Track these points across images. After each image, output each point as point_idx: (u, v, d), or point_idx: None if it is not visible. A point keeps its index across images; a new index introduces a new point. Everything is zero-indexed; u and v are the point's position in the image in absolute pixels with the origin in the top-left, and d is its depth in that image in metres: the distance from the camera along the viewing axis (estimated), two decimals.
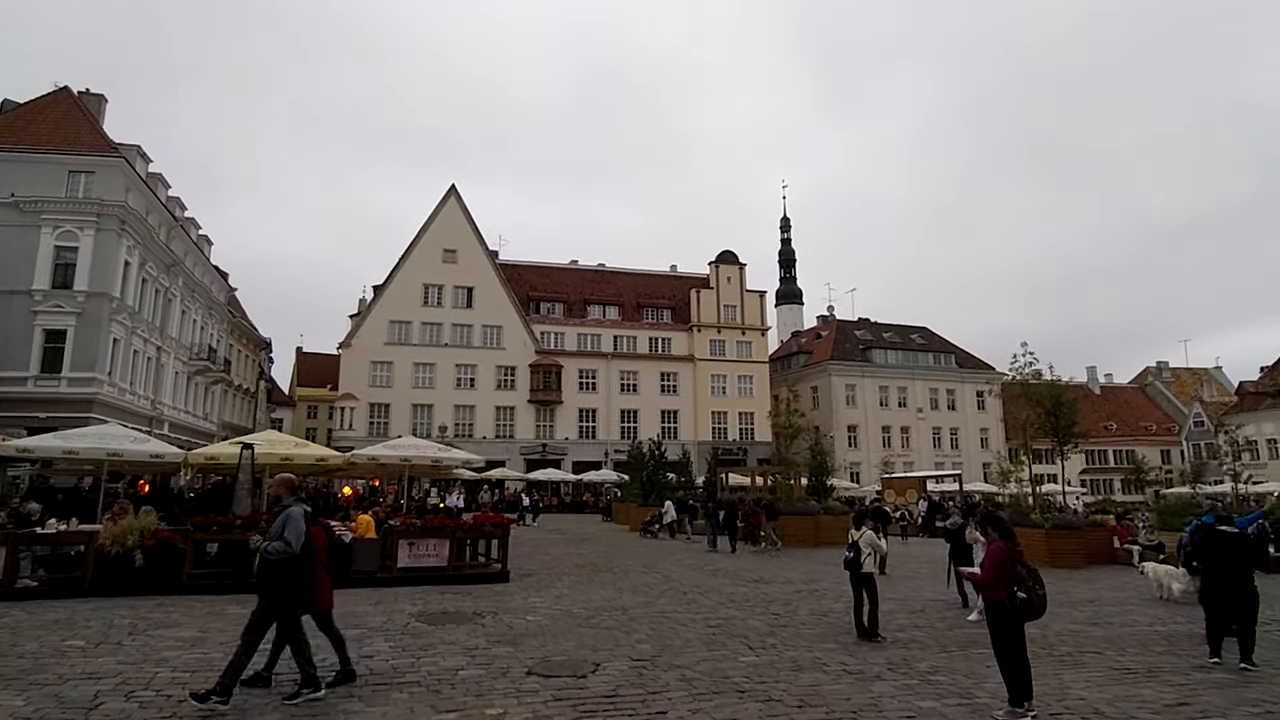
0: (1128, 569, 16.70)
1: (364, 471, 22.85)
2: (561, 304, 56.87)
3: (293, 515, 6.14)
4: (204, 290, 41.91)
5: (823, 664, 7.61)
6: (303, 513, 6.21)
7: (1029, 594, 5.81)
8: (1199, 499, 35.20)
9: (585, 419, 53.90)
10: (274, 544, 6.05)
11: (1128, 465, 66.16)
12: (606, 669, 7.23)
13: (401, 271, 52.43)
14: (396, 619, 9.60)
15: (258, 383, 57.08)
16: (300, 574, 6.13)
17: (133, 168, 31.68)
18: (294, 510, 6.19)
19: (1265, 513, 18.20)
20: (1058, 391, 21.75)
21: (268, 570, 6.10)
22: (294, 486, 6.69)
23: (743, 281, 59.63)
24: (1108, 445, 69.13)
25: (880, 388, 62.27)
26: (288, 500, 6.41)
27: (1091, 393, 73.50)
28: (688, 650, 8.15)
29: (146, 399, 33.77)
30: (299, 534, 6.07)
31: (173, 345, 37.05)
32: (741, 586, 13.51)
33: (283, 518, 6.17)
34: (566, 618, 10.00)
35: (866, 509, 12.21)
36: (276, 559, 6.02)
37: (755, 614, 10.59)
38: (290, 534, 6.04)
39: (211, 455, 15.30)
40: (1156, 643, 9.31)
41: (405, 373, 50.87)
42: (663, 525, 25.90)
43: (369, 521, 13.57)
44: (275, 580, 6.08)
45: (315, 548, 6.33)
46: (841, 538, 23.90)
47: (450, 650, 7.90)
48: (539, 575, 14.53)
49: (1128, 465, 66.16)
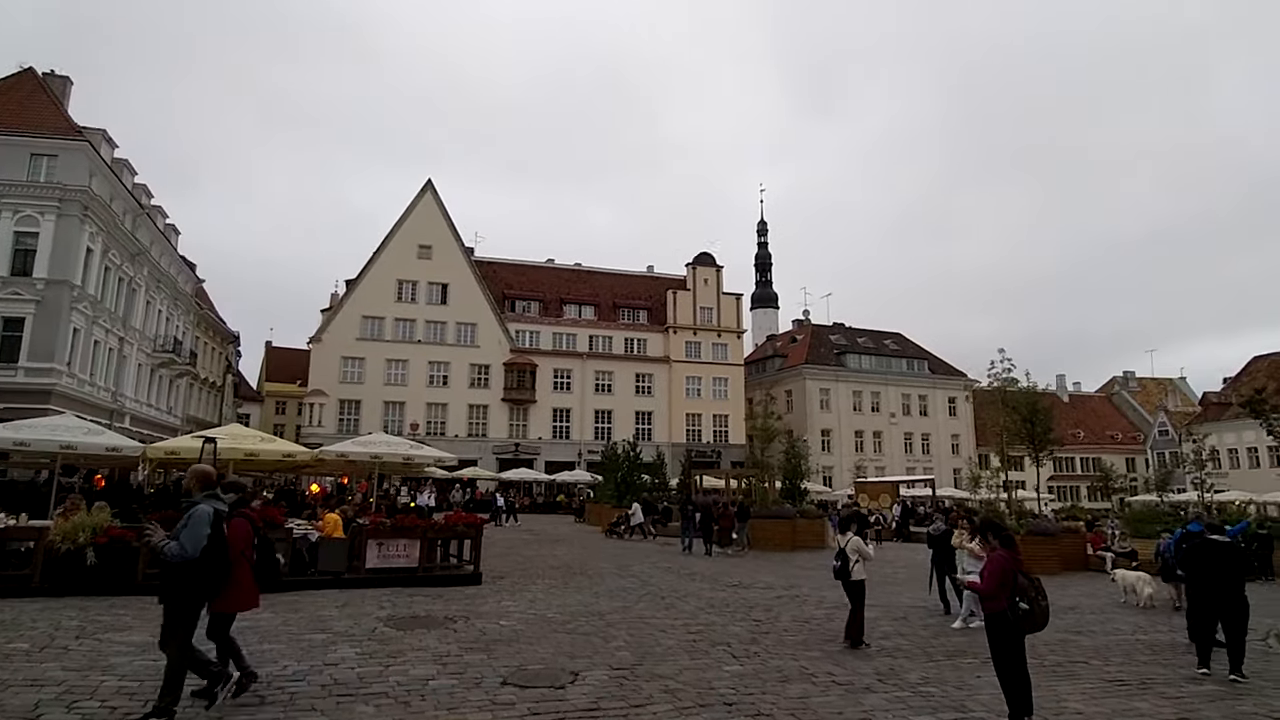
0: (1101, 575, 16.76)
1: (333, 469, 22.20)
2: (537, 303, 56.32)
3: (195, 516, 5.43)
4: (170, 281, 40.72)
5: (810, 674, 7.34)
6: (210, 513, 5.51)
7: (1031, 605, 5.58)
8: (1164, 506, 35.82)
9: (559, 419, 53.40)
10: (171, 545, 5.40)
11: (1095, 472, 67.27)
12: (586, 679, 6.89)
13: (375, 266, 51.51)
14: (364, 623, 9.16)
15: (225, 377, 55.71)
16: (203, 577, 5.46)
17: (97, 152, 30.62)
18: (199, 510, 5.47)
19: (1249, 523, 18.39)
20: (1034, 398, 21.89)
21: (166, 572, 5.48)
22: (208, 480, 5.84)
23: (719, 284, 59.59)
24: (1075, 453, 70.22)
25: (854, 392, 62.62)
26: (197, 496, 5.66)
27: (1060, 400, 74.64)
28: (669, 658, 7.84)
29: (107, 391, 32.65)
30: (197, 539, 5.37)
31: (136, 336, 35.90)
32: (720, 591, 13.25)
33: (185, 517, 5.52)
34: (542, 623, 9.64)
35: (853, 513, 11.96)
36: (174, 561, 5.38)
37: (736, 620, 10.31)
38: (186, 537, 5.34)
39: (171, 449, 14.67)
40: (1141, 652, 9.23)
41: (377, 369, 49.97)
42: (630, 526, 25.73)
43: (336, 520, 13.08)
44: (174, 584, 5.44)
45: (234, 545, 5.71)
46: (816, 541, 24.22)
47: (420, 657, 7.50)
48: (512, 577, 14.13)
49: (1095, 472, 67.27)
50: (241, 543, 5.87)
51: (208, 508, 5.53)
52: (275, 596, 10.77)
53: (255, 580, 6.06)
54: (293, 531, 12.33)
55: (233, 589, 5.80)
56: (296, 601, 10.48)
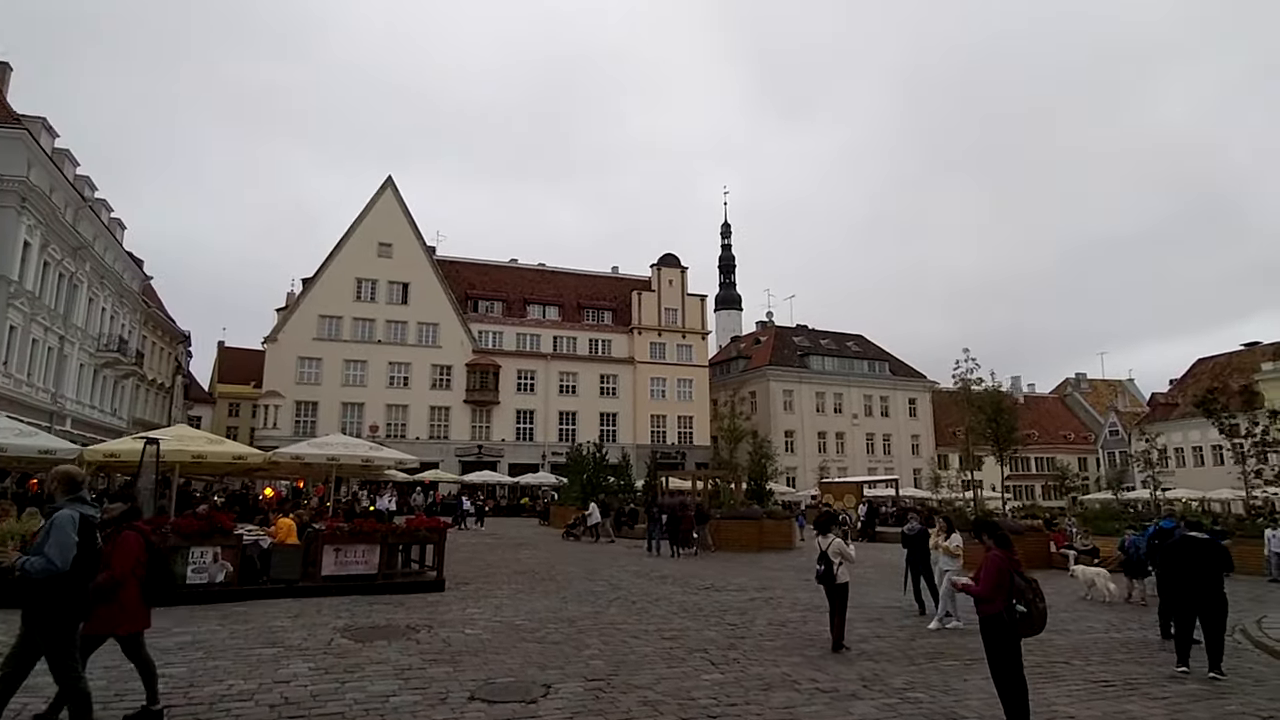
0: (1063, 573, 16.88)
1: (287, 472, 21.38)
2: (501, 303, 55.48)
3: (58, 522, 4.72)
4: (115, 277, 38.97)
5: (793, 681, 7.04)
6: (74, 518, 4.80)
7: (1029, 607, 5.36)
8: (1116, 505, 36.71)
9: (523, 420, 52.65)
10: (33, 560, 4.65)
11: (1049, 472, 68.86)
12: (559, 691, 6.48)
13: (333, 264, 50.15)
14: (319, 635, 8.60)
15: (174, 378, 53.66)
16: (74, 593, 4.80)
17: (36, 141, 29.06)
18: (61, 516, 4.77)
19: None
20: (998, 398, 22.09)
21: (31, 591, 4.73)
22: (72, 482, 5.09)
23: (684, 285, 59.47)
24: (1029, 453, 71.76)
25: (817, 394, 63.07)
26: (60, 500, 5.00)
27: (1016, 401, 76.33)
28: (645, 667, 7.48)
29: (46, 392, 31.05)
30: (65, 548, 4.67)
31: (78, 335, 34.24)
32: (692, 594, 12.93)
33: (46, 525, 4.84)
34: (509, 631, 9.19)
35: (833, 514, 11.74)
36: (40, 578, 4.64)
37: (711, 624, 10.00)
38: (52, 548, 4.63)
39: (111, 452, 13.79)
40: (1117, 650, 9.17)
41: (335, 370, 48.62)
42: (587, 528, 25.37)
43: (290, 526, 12.44)
44: (40, 603, 4.74)
45: (122, 561, 5.20)
46: (783, 542, 24.10)
47: (380, 672, 7.00)
48: (476, 583, 13.62)
49: (1049, 472, 68.86)
50: (130, 559, 5.32)
51: (71, 512, 4.83)
52: (225, 607, 10.20)
53: (145, 599, 5.49)
54: (243, 538, 11.66)
55: (114, 609, 5.22)
56: (246, 613, 9.86)
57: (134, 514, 5.85)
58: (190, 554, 10.64)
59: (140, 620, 5.51)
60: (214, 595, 10.58)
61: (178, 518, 12.32)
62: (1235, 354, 61.65)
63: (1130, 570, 14.02)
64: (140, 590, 5.46)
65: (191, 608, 9.96)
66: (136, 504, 6.37)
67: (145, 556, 5.49)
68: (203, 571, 10.70)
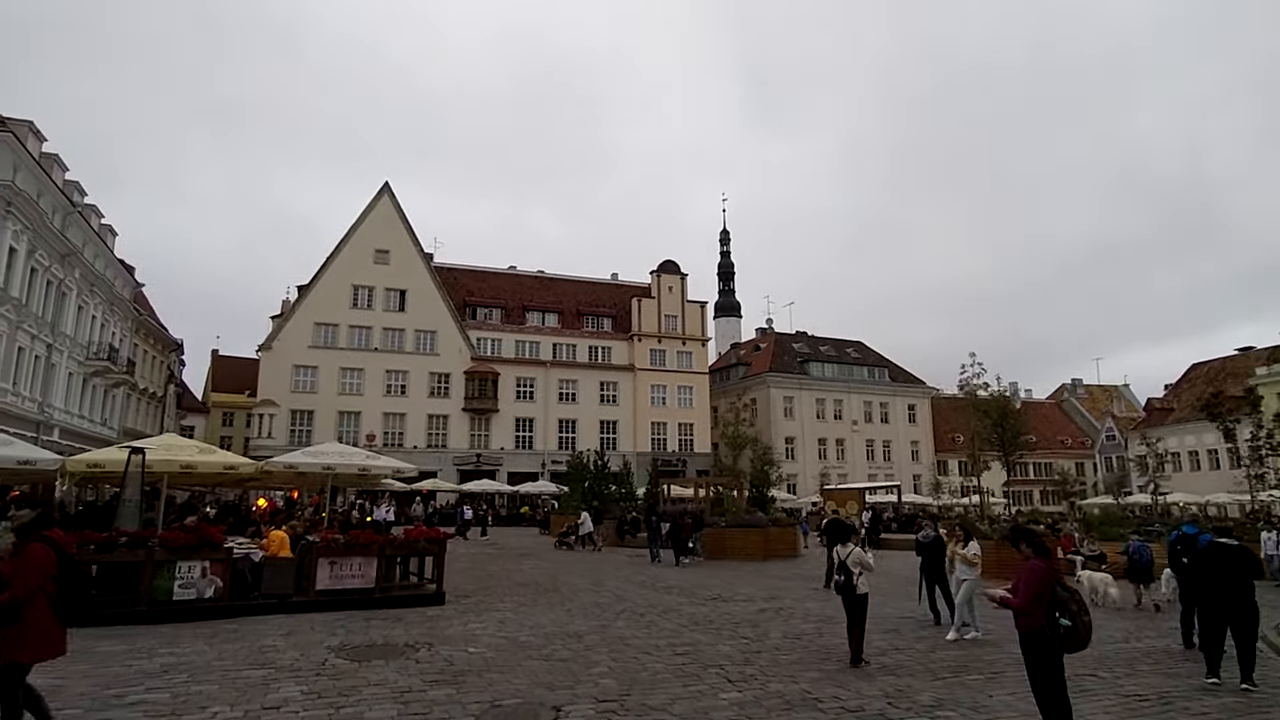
0: (1069, 579, 16.52)
1: (282, 481, 20.86)
2: (499, 310, 55.09)
3: None
4: (105, 284, 38.47)
5: (815, 700, 6.66)
6: None
7: (1074, 620, 5.00)
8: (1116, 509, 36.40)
9: (522, 428, 52.16)
10: None
11: (1047, 477, 68.55)
12: (569, 714, 6.09)
13: (329, 271, 49.71)
14: (313, 654, 8.18)
15: (166, 387, 53.03)
16: None
17: (23, 145, 28.64)
18: None
19: None
20: (1004, 402, 21.79)
21: None
22: None
23: (684, 291, 59.17)
24: (1028, 458, 71.47)
25: (817, 400, 62.79)
26: None
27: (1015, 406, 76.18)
28: (659, 685, 7.08)
29: (33, 401, 30.52)
30: None
31: (66, 343, 33.72)
32: (700, 605, 12.53)
33: None
34: (514, 648, 8.78)
35: (849, 524, 11.37)
36: None
37: (724, 638, 9.60)
38: None
39: (95, 462, 13.33)
40: (1140, 661, 8.84)
41: (331, 378, 48.13)
42: (579, 536, 24.99)
43: (283, 538, 11.99)
44: None
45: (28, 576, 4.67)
46: (788, 550, 23.66)
47: (378, 695, 6.59)
48: (478, 596, 13.20)
49: (1047, 477, 68.55)
50: (38, 574, 4.71)
51: None
52: (214, 624, 9.78)
53: (58, 619, 4.86)
54: (233, 551, 11.23)
55: (22, 633, 4.63)
56: (236, 630, 9.44)
57: (44, 521, 5.17)
58: (177, 568, 10.22)
59: (55, 645, 4.88)
60: (202, 612, 10.16)
61: (164, 530, 11.88)
62: (1230, 359, 61.47)
63: (1135, 576, 13.74)
64: (53, 609, 4.82)
65: (178, 626, 9.55)
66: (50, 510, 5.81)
67: (57, 571, 4.84)
68: (190, 587, 10.27)
